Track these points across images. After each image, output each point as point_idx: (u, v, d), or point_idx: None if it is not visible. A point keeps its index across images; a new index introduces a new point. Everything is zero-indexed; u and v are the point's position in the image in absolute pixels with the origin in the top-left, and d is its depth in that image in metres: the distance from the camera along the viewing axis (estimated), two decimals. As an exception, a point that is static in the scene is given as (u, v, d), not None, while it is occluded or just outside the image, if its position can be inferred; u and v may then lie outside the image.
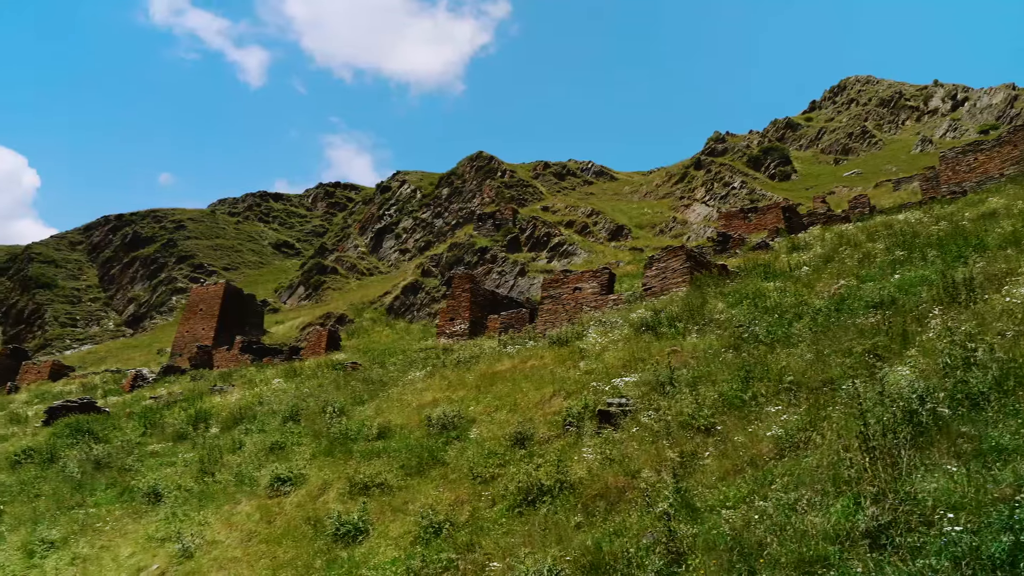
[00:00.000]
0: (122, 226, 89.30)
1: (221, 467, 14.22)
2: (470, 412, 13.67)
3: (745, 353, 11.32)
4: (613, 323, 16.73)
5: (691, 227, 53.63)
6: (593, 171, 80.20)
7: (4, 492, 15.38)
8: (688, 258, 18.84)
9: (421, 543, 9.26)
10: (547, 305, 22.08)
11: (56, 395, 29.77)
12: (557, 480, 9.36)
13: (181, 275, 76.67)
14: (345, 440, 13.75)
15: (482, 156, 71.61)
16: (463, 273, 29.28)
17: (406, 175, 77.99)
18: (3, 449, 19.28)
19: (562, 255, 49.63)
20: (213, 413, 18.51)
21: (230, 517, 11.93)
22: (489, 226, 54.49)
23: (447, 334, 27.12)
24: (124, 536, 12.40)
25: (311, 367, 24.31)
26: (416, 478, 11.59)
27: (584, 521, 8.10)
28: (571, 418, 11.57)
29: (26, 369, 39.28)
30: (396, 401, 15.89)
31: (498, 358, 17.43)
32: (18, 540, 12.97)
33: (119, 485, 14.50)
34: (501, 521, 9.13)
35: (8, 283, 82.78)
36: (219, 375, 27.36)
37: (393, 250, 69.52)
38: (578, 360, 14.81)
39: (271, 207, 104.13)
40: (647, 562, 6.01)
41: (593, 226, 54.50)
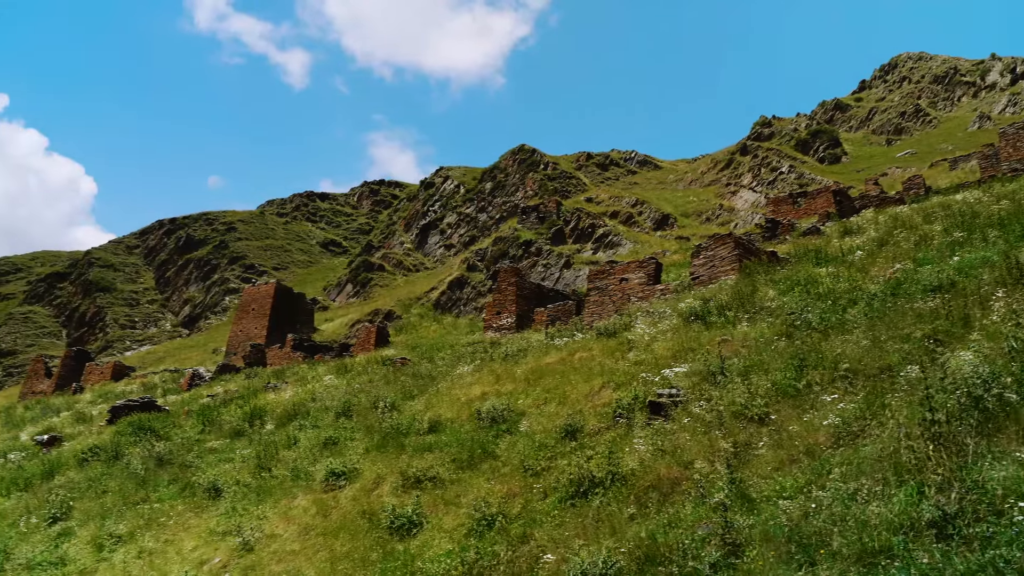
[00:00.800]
0: (175, 229, 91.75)
1: (277, 462, 14.53)
2: (519, 405, 13.70)
3: (798, 341, 11.10)
4: (661, 313, 16.57)
5: (738, 214, 52.75)
6: (636, 160, 79.45)
7: (73, 489, 15.96)
8: (736, 245, 18.53)
9: (475, 535, 9.32)
10: (593, 297, 21.96)
11: (118, 395, 30.79)
12: (609, 472, 9.32)
13: (233, 276, 78.46)
14: (397, 435, 13.92)
15: (524, 149, 71.53)
16: (508, 267, 29.32)
17: (449, 171, 78.39)
18: (71, 447, 20.04)
19: (607, 246, 49.32)
20: (268, 410, 18.91)
21: (287, 511, 12.19)
22: (533, 219, 54.43)
23: (494, 328, 27.20)
24: (187, 530, 12.77)
25: (361, 363, 24.64)
26: (467, 471, 11.67)
27: (637, 513, 8.05)
28: (621, 410, 11.51)
29: (90, 370, 40.70)
30: (445, 395, 16.01)
31: (546, 351, 17.42)
32: (88, 534, 13.46)
33: (180, 481, 14.92)
34: (553, 513, 9.14)
35: (71, 288, 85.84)
36: (272, 373, 27.94)
37: (438, 246, 69.99)
38: (626, 351, 14.71)
39: (318, 207, 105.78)
40: (703, 553, 5.95)
41: (638, 216, 54.01)
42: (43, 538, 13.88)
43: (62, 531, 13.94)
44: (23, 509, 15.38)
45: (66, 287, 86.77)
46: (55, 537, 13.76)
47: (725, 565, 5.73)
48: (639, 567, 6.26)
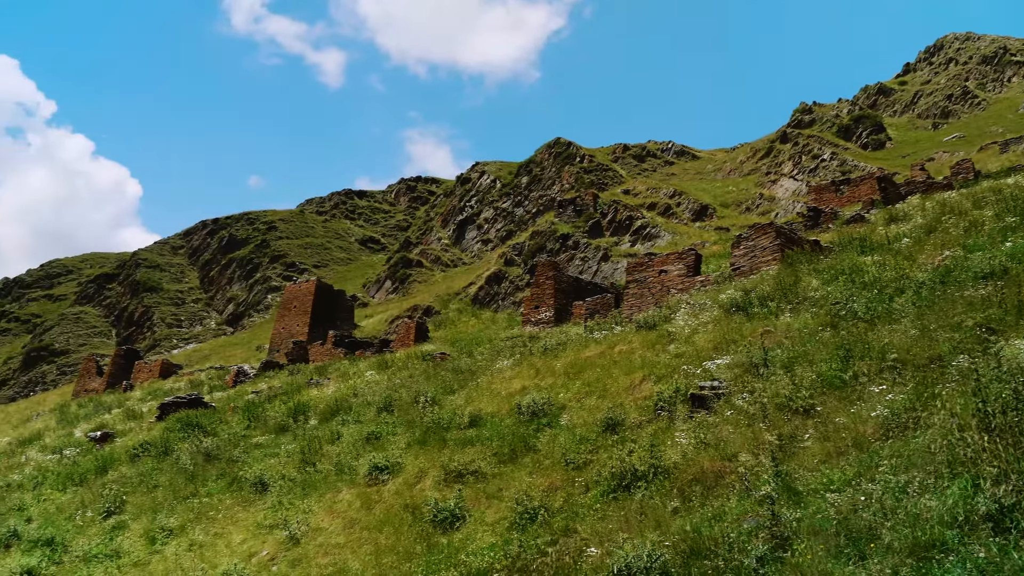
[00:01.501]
0: (218, 229, 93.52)
1: (321, 457, 14.74)
2: (559, 399, 13.69)
3: (843, 331, 10.88)
4: (701, 305, 16.39)
5: (779, 203, 51.88)
6: (674, 151, 78.63)
7: (126, 483, 16.41)
8: (778, 235, 18.23)
9: (517, 529, 9.35)
10: (632, 289, 21.82)
11: (166, 392, 31.56)
12: (651, 465, 9.27)
13: (275, 274, 79.74)
14: (438, 429, 14.01)
15: (560, 142, 71.28)
16: (546, 260, 29.27)
17: (485, 165, 78.51)
18: (123, 443, 20.60)
19: (645, 238, 48.93)
20: (311, 406, 19.18)
21: (332, 505, 12.36)
22: (570, 212, 54.24)
23: (532, 322, 27.20)
24: (235, 523, 13.04)
25: (401, 359, 24.85)
26: (509, 465, 11.70)
27: (681, 506, 7.99)
28: (662, 402, 11.43)
29: (138, 368, 41.78)
30: (485, 390, 16.06)
31: (585, 344, 17.37)
32: (140, 528, 13.84)
33: (228, 476, 15.23)
34: (596, 507, 9.12)
35: (119, 288, 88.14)
36: (315, 369, 28.34)
37: (475, 241, 70.19)
38: (667, 344, 14.59)
39: (356, 204, 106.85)
40: (750, 546, 5.87)
41: (676, 207, 53.46)
42: (98, 531, 14.31)
43: (116, 524, 14.35)
44: (79, 503, 15.87)
45: (115, 288, 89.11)
46: (110, 530, 14.17)
47: (772, 559, 5.65)
48: (684, 561, 6.21)
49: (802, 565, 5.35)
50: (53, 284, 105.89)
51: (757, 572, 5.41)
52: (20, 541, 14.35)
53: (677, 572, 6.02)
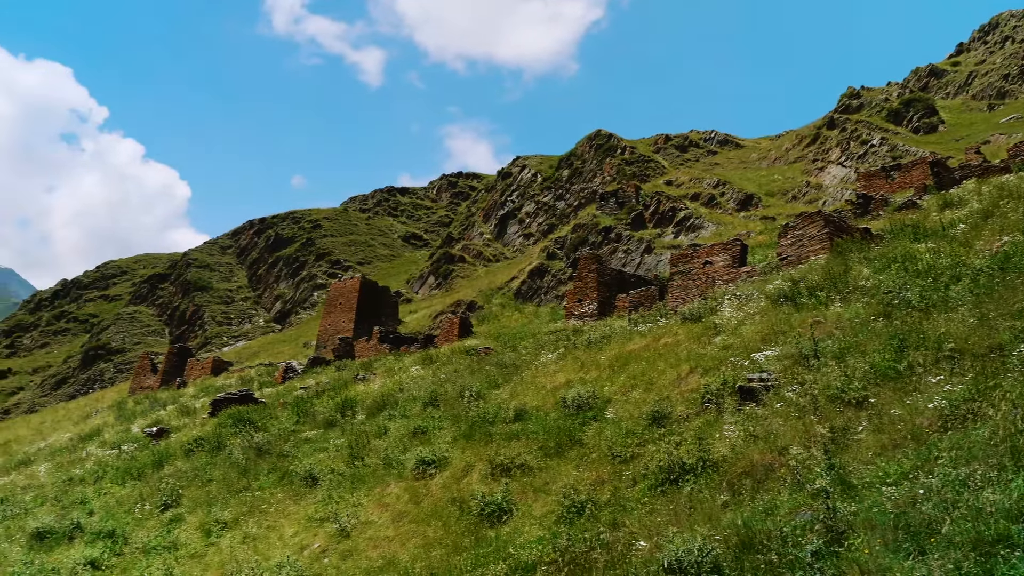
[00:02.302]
0: (265, 229, 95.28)
1: (369, 451, 14.92)
2: (604, 392, 13.63)
3: (897, 321, 10.60)
4: (748, 296, 16.13)
5: (827, 191, 50.73)
6: (717, 140, 77.46)
7: (181, 477, 16.86)
8: (826, 223, 17.83)
9: (565, 522, 9.34)
10: (676, 281, 21.58)
11: (218, 388, 32.29)
12: (699, 458, 9.17)
13: (320, 272, 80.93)
14: (483, 423, 14.07)
15: (600, 134, 70.80)
16: (588, 254, 29.12)
17: (525, 159, 78.41)
18: (177, 439, 21.15)
19: (689, 229, 48.33)
20: (358, 401, 19.43)
21: (381, 498, 12.52)
22: (612, 204, 53.86)
23: (576, 315, 27.11)
24: (287, 517, 13.30)
25: (446, 353, 25.00)
26: (555, 459, 11.70)
27: (731, 500, 7.89)
28: (709, 395, 11.29)
29: (191, 365, 42.83)
30: (530, 384, 16.07)
31: (629, 337, 17.24)
32: (196, 520, 14.21)
33: (279, 470, 15.53)
34: (644, 500, 9.06)
35: (171, 288, 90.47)
36: (361, 364, 28.69)
37: (517, 235, 70.21)
38: (713, 336, 14.41)
39: (398, 201, 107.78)
40: (804, 540, 5.76)
41: (720, 197, 52.68)
42: (156, 524, 14.73)
43: (173, 517, 14.75)
44: (137, 497, 16.35)
45: (167, 287, 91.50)
46: (167, 523, 14.58)
47: (828, 553, 5.53)
48: (736, 555, 6.12)
49: (859, 560, 5.23)
50: (108, 285, 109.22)
51: (812, 567, 5.31)
52: (83, 533, 14.86)
53: (729, 566, 5.94)
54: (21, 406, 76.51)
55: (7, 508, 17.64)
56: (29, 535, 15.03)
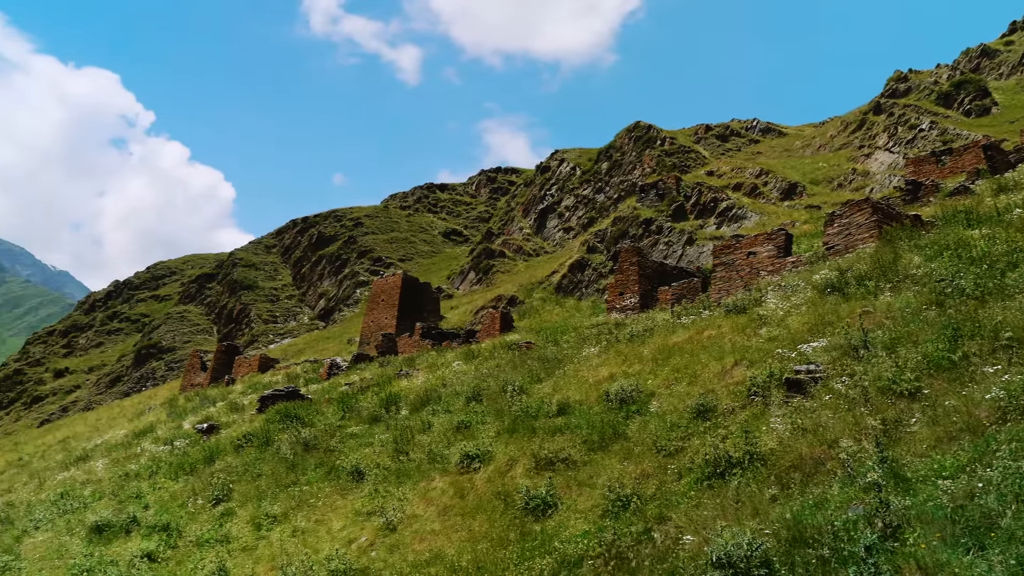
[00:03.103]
0: (308, 227, 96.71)
1: (413, 446, 15.06)
2: (648, 386, 13.53)
3: (950, 309, 10.30)
4: (794, 286, 15.84)
5: (874, 178, 49.52)
6: (759, 129, 76.15)
7: (231, 472, 17.23)
8: (874, 211, 17.39)
9: (610, 516, 9.30)
10: (720, 272, 21.29)
11: (265, 385, 32.90)
12: (746, 452, 9.05)
13: (362, 269, 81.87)
14: (526, 417, 14.08)
15: (639, 126, 70.16)
16: (629, 246, 28.91)
17: (564, 153, 78.13)
18: (227, 435, 21.62)
19: (731, 220, 47.63)
20: (402, 396, 19.61)
21: (426, 493, 12.63)
22: (652, 196, 53.36)
23: (617, 309, 26.94)
24: (334, 511, 13.50)
25: (487, 349, 25.08)
26: (599, 453, 11.65)
27: (779, 493, 7.77)
28: (756, 388, 11.12)
29: (239, 363, 43.74)
30: (572, 378, 16.03)
31: (672, 330, 17.08)
32: (247, 515, 14.51)
33: (326, 465, 15.77)
34: (690, 494, 8.97)
35: (219, 287, 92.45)
36: (404, 360, 28.95)
37: (557, 229, 70.04)
38: (758, 327, 14.18)
39: (438, 198, 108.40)
40: (857, 535, 5.64)
41: (763, 187, 51.79)
42: (208, 518, 15.09)
43: (224, 511, 15.09)
44: (190, 491, 16.77)
45: (214, 287, 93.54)
46: (219, 517, 14.92)
47: (882, 548, 5.40)
48: (786, 549, 6.02)
49: (916, 555, 5.10)
50: (158, 285, 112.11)
51: (866, 561, 5.19)
52: (139, 527, 15.30)
53: (779, 561, 5.85)
54: (78, 404, 79.11)
55: (68, 502, 18.25)
56: (89, 528, 15.54)
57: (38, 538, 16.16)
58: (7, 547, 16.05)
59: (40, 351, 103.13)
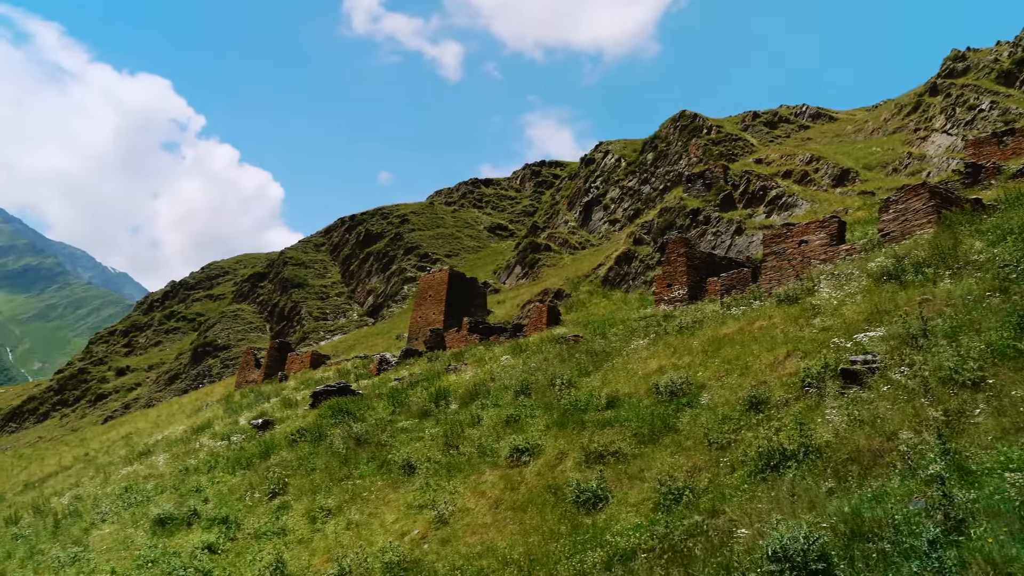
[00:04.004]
0: (355, 225, 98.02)
1: (463, 440, 15.16)
2: (698, 378, 13.36)
3: (1016, 296, 9.92)
4: (848, 275, 15.46)
5: (930, 161, 47.96)
6: (808, 114, 74.41)
7: (286, 467, 17.60)
8: (932, 195, 16.84)
9: (662, 510, 9.22)
10: (770, 262, 20.89)
11: (317, 381, 33.49)
12: (801, 444, 8.87)
13: (409, 265, 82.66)
14: (575, 411, 14.05)
15: (685, 115, 69.23)
16: (676, 237, 28.57)
17: (608, 145, 77.58)
18: (281, 430, 22.08)
19: (781, 208, 46.69)
20: (451, 391, 19.76)
21: (477, 486, 12.70)
22: (699, 186, 52.63)
23: (665, 300, 26.67)
24: (387, 504, 13.68)
25: (535, 342, 25.09)
26: (649, 446, 11.56)
27: (836, 487, 7.59)
28: (810, 379, 10.89)
29: (291, 359, 44.62)
30: (621, 370, 15.93)
31: (722, 321, 16.84)
32: (302, 508, 14.81)
33: (377, 459, 15.99)
34: (743, 487, 8.84)
35: (270, 286, 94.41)
36: (452, 355, 29.15)
37: (602, 221, 69.63)
38: (811, 317, 13.88)
39: (483, 193, 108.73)
40: (919, 529, 5.48)
41: (814, 173, 50.61)
42: (265, 511, 15.45)
43: (280, 505, 15.43)
44: (247, 485, 17.18)
45: (266, 285, 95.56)
46: (275, 510, 15.26)
47: (946, 542, 5.24)
48: (845, 543, 5.88)
49: (983, 549, 4.93)
50: (213, 285, 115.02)
51: (929, 556, 5.04)
52: (200, 519, 15.75)
53: (838, 555, 5.72)
54: (139, 400, 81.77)
55: (132, 496, 18.89)
56: (152, 521, 16.06)
57: (105, 530, 16.76)
58: (76, 539, 16.70)
59: (103, 350, 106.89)
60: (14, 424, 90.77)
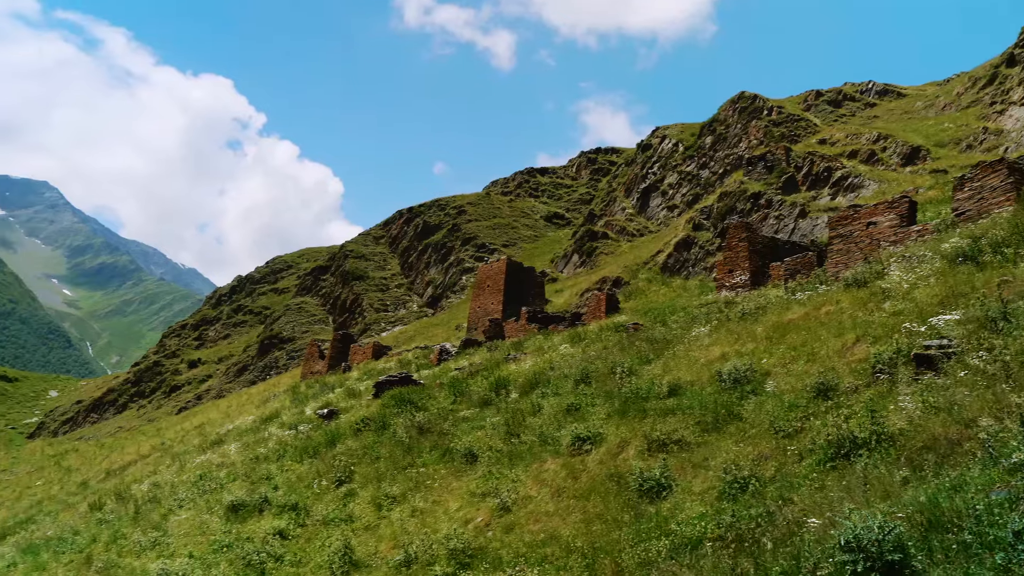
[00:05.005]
0: (413, 217, 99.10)
1: (524, 429, 15.22)
2: (762, 365, 13.10)
3: (1105, 275, 9.40)
4: (920, 257, 14.89)
5: (1008, 136, 45.73)
6: (875, 91, 71.78)
7: (352, 455, 17.98)
8: (1010, 171, 16.07)
9: (727, 498, 9.09)
10: (836, 245, 20.29)
11: (379, 371, 34.07)
12: (872, 432, 8.61)
13: (467, 256, 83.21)
14: (637, 399, 13.94)
15: (744, 96, 67.62)
16: (737, 222, 28.00)
17: (665, 129, 76.41)
18: (346, 419, 22.56)
19: (847, 189, 45.24)
20: (511, 380, 19.85)
21: (538, 474, 12.74)
22: (760, 169, 51.40)
23: (727, 287, 26.20)
24: (450, 492, 13.86)
25: (594, 331, 24.98)
26: (713, 434, 11.41)
27: (911, 476, 7.35)
28: (881, 365, 10.55)
29: (354, 351, 45.49)
30: (683, 358, 15.74)
31: (787, 306, 16.45)
32: (368, 495, 15.12)
33: (440, 447, 16.19)
34: (812, 476, 8.64)
35: (332, 279, 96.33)
36: (511, 345, 29.26)
37: (660, 208, 68.72)
38: (881, 301, 13.44)
39: (539, 182, 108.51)
40: (1004, 519, 5.25)
41: (881, 152, 48.85)
42: (333, 498, 15.83)
43: (347, 492, 15.79)
44: (315, 473, 17.63)
45: (328, 278, 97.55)
46: (342, 497, 15.63)
47: (1033, 534, 5.01)
48: (922, 534, 5.69)
49: (1073, 541, 4.71)
50: (277, 279, 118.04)
51: (1015, 547, 4.83)
52: (270, 506, 16.25)
53: (915, 546, 5.53)
54: (211, 392, 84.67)
55: (206, 483, 19.60)
56: (226, 507, 16.64)
57: (182, 516, 17.45)
58: (156, 524, 17.43)
59: (175, 344, 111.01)
60: (96, 415, 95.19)
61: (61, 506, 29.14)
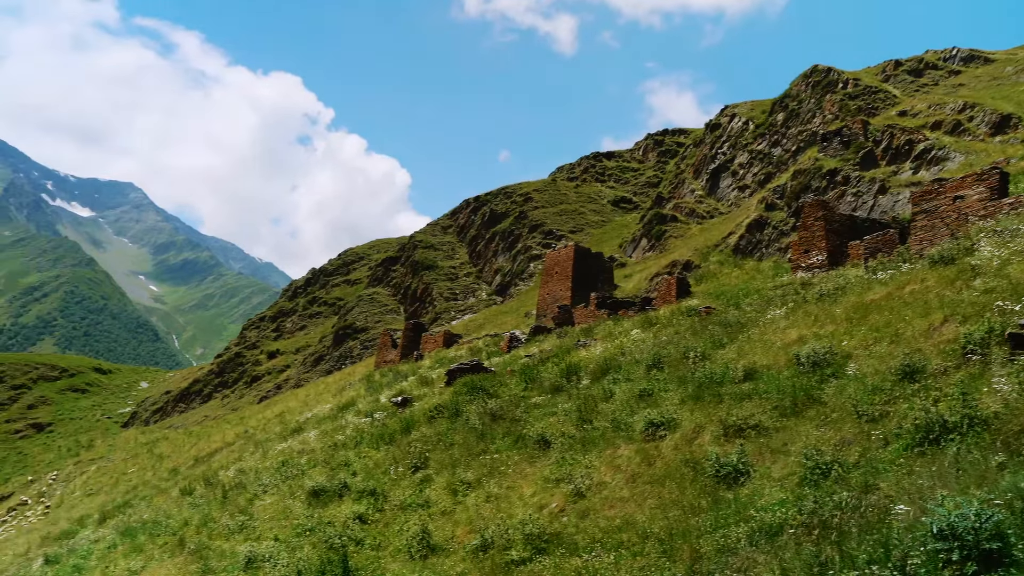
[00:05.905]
0: (480, 206, 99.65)
1: (596, 415, 15.16)
2: (843, 347, 12.68)
3: None
4: (1014, 231, 14.12)
5: (1108, 100, 42.76)
6: (959, 58, 68.13)
7: (426, 442, 18.28)
8: (1113, 137, 15.02)
9: (809, 484, 8.85)
10: (920, 221, 19.41)
11: (450, 359, 34.49)
12: (964, 415, 8.24)
13: (534, 243, 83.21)
14: (711, 384, 13.70)
15: (817, 70, 65.21)
16: (813, 200, 27.09)
17: (734, 108, 74.44)
18: (420, 407, 22.94)
19: (930, 162, 43.18)
20: (581, 366, 19.78)
21: (612, 460, 12.68)
22: (836, 145, 49.54)
23: (803, 267, 25.41)
24: (524, 478, 13.93)
25: (664, 316, 24.64)
26: (791, 419, 11.12)
27: (1008, 461, 7.00)
28: (972, 345, 10.07)
29: (425, 339, 46.17)
30: (758, 342, 15.37)
31: (867, 286, 15.86)
32: (443, 481, 15.35)
33: (512, 434, 16.29)
34: (899, 461, 8.32)
35: (402, 269, 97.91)
36: (581, 331, 29.15)
37: (731, 188, 67.13)
38: (970, 279, 12.81)
39: (605, 166, 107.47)
40: (1114, 507, 4.96)
41: (968, 122, 46.39)
42: (409, 484, 16.14)
43: (423, 478, 16.07)
44: (391, 459, 18.00)
45: (398, 269, 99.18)
46: (418, 483, 15.92)
47: None
48: (1022, 522, 5.41)
49: None
50: (349, 270, 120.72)
51: None
52: (350, 492, 16.69)
53: (1015, 534, 5.27)
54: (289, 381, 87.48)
55: (288, 469, 20.28)
56: (307, 492, 17.18)
57: (266, 501, 18.11)
58: (242, 508, 18.16)
59: (255, 335, 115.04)
60: (183, 405, 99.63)
61: (154, 491, 30.71)
